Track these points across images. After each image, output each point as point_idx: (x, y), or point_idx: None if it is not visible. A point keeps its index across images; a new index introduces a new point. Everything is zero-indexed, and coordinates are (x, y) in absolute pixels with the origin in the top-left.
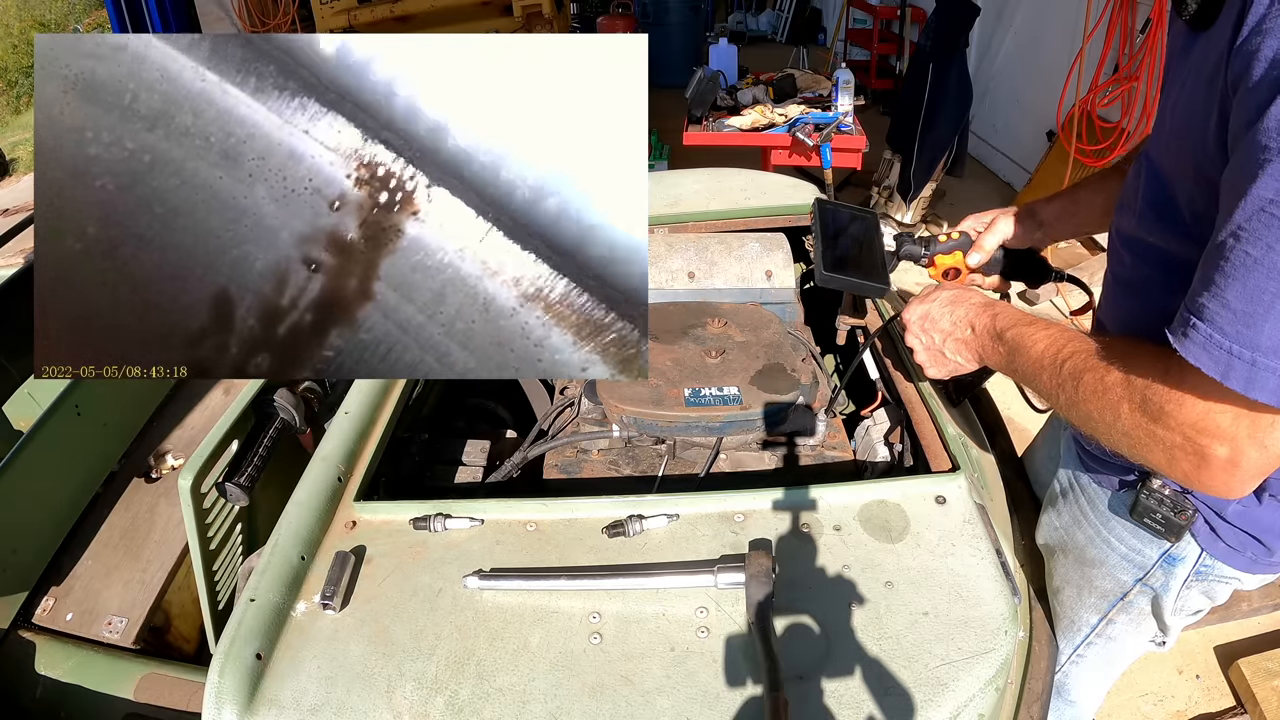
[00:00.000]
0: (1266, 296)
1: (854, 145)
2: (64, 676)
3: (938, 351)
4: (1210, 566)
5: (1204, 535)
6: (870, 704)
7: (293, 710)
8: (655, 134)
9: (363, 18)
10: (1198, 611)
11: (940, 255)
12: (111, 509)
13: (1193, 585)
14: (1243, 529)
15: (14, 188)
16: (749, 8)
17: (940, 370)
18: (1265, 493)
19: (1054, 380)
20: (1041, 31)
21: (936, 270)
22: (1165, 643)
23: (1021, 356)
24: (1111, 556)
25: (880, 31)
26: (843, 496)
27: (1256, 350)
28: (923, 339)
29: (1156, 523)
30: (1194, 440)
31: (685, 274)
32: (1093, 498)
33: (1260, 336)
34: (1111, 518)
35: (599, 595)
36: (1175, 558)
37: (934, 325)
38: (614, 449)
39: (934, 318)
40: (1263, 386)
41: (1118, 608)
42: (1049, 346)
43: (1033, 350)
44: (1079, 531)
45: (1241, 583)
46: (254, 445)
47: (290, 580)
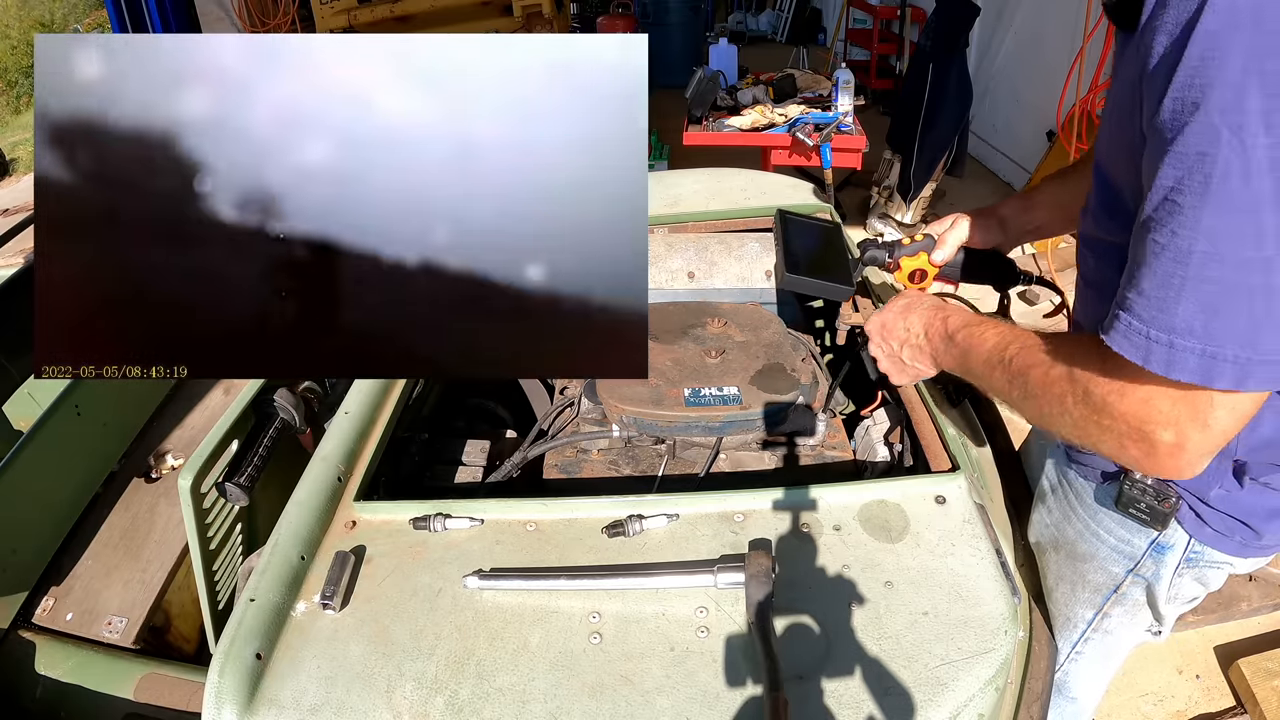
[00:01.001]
0: (1175, 280)
1: (854, 145)
2: (64, 676)
3: (897, 359)
4: (1200, 553)
5: (1190, 522)
6: (870, 704)
7: (293, 710)
8: (655, 134)
9: (363, 18)
10: (1193, 599)
11: (905, 258)
12: (111, 509)
13: (1184, 573)
14: (1228, 514)
15: (14, 188)
16: (749, 8)
17: (903, 378)
18: (1246, 476)
19: (1005, 378)
20: (1041, 31)
21: (902, 274)
22: (1161, 632)
23: (973, 357)
24: (1102, 549)
25: (880, 31)
26: (843, 496)
27: (1172, 333)
28: (883, 348)
29: (1141, 512)
30: (1138, 428)
31: (685, 274)
32: (1080, 492)
33: (1174, 319)
34: (1099, 510)
35: (599, 595)
36: (1164, 546)
37: (891, 334)
38: (614, 449)
39: (890, 326)
40: (1183, 367)
41: (1112, 600)
42: (997, 345)
43: (982, 350)
44: (1068, 526)
45: (1234, 567)
46: (254, 445)
47: (290, 580)
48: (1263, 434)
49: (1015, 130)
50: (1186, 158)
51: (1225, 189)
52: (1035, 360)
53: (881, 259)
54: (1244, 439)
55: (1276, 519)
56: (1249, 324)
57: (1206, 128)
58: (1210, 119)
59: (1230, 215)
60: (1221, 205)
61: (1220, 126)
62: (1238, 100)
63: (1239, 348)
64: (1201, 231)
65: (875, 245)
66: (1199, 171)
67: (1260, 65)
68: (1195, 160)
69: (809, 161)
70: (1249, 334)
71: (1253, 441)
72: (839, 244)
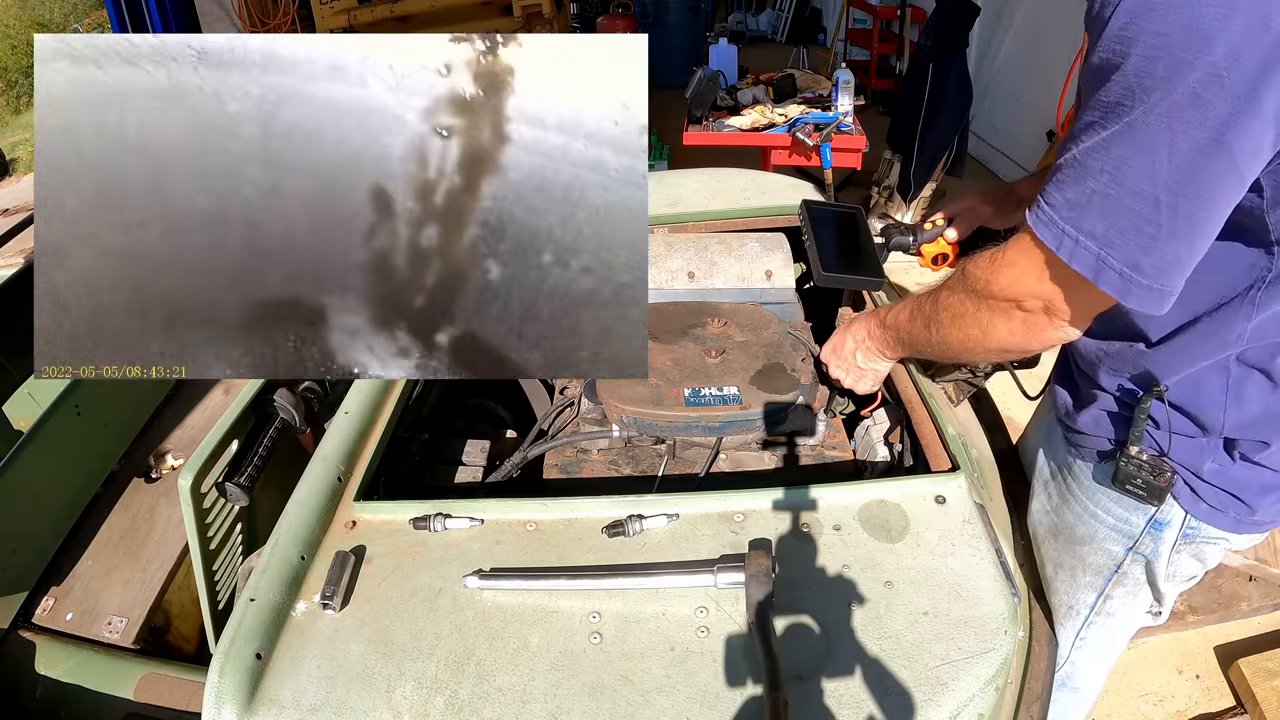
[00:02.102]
0: (1087, 191)
1: (854, 145)
2: (64, 676)
3: (854, 366)
4: (1196, 528)
5: (1185, 497)
6: (870, 704)
7: (293, 710)
8: (655, 134)
9: (363, 18)
10: (1191, 577)
11: (926, 244)
12: (111, 509)
13: (1182, 549)
14: (1221, 488)
15: (14, 188)
16: (749, 8)
17: (864, 382)
18: (1236, 451)
19: (925, 327)
20: (1041, 31)
21: (925, 258)
22: (1161, 613)
23: (904, 329)
24: (1100, 530)
25: (880, 31)
26: (843, 496)
27: (1079, 231)
28: (840, 365)
29: (1138, 488)
30: (1014, 299)
31: (685, 274)
32: (1077, 474)
33: (1083, 221)
34: (1097, 490)
35: (599, 595)
36: (1161, 522)
37: (841, 348)
38: (614, 449)
39: (837, 344)
40: (1081, 261)
41: (1113, 581)
42: (915, 305)
43: (904, 316)
44: (1067, 511)
45: (1230, 543)
46: (254, 445)
47: (290, 580)
48: (1250, 412)
49: (1015, 130)
50: (1108, 104)
51: (1130, 131)
52: (941, 292)
53: (906, 244)
54: (1232, 417)
55: (1269, 494)
56: (1137, 248)
57: (1123, 85)
58: (1127, 79)
59: (1132, 151)
60: (1127, 142)
61: (1134, 87)
62: (1149, 66)
63: (1124, 265)
64: (1111, 157)
65: (899, 231)
66: (1114, 114)
67: (1168, 42)
68: (1113, 107)
69: (809, 161)
70: (1134, 257)
71: (1241, 419)
72: (865, 233)
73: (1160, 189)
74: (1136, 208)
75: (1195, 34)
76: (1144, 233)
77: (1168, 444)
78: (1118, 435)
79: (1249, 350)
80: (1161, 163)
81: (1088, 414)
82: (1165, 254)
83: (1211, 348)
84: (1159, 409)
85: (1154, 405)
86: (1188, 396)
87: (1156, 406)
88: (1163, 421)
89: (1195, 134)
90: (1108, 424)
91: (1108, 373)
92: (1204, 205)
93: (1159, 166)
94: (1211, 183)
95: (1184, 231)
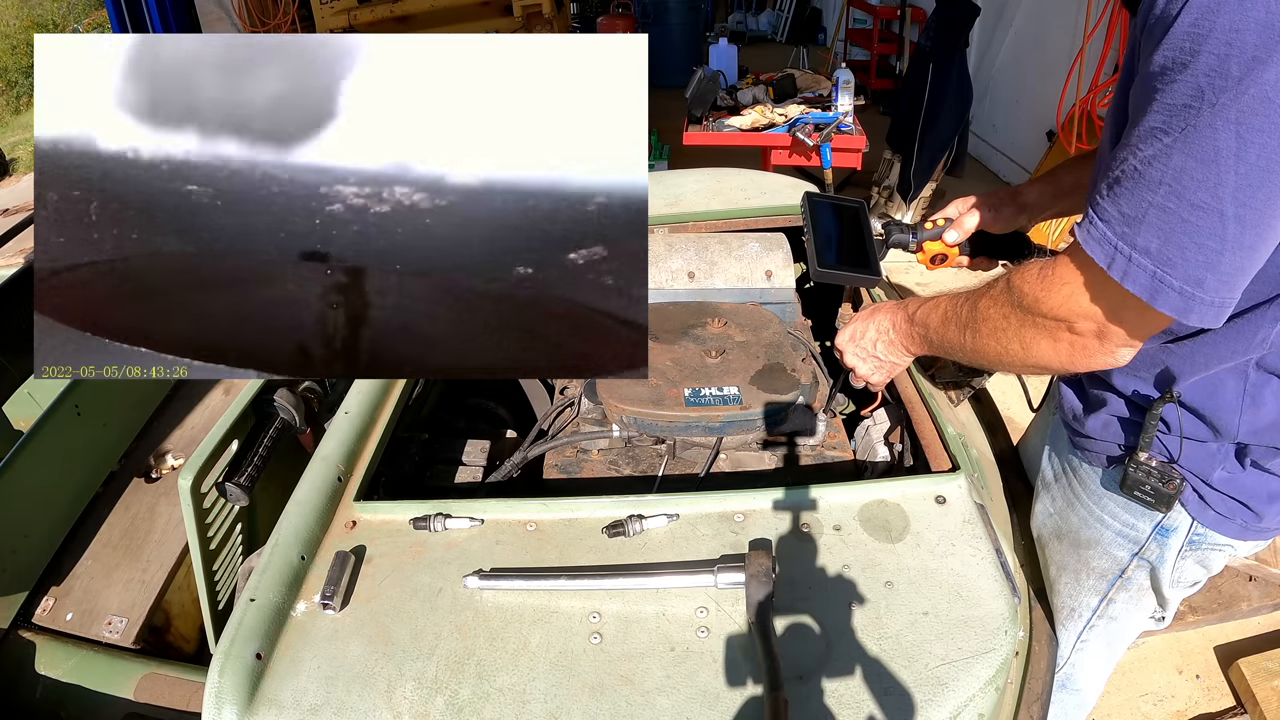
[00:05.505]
0: (1144, 204)
1: (854, 145)
2: (64, 676)
3: (874, 358)
4: (1203, 535)
5: (1193, 504)
6: (870, 704)
7: (293, 710)
8: (655, 134)
9: (363, 17)
10: (1195, 583)
11: (928, 242)
12: (111, 509)
13: (1187, 555)
14: (1230, 496)
15: (14, 188)
16: (749, 8)
17: (881, 373)
18: (1247, 459)
19: (959, 331)
20: (1041, 31)
21: (925, 256)
22: (1165, 618)
23: (933, 328)
24: (1106, 534)
25: (880, 31)
26: (843, 496)
27: (1134, 249)
28: (858, 353)
29: (1146, 494)
30: (1065, 319)
31: (685, 274)
32: (1084, 478)
33: (1137, 237)
34: (1104, 495)
35: (599, 595)
36: (1168, 529)
37: (862, 337)
38: (614, 449)
39: (859, 332)
40: (1135, 280)
41: (1117, 585)
42: (950, 307)
43: (937, 315)
44: (1072, 514)
45: (1235, 550)
46: (254, 445)
47: (290, 580)
48: (1266, 417)
49: (1015, 130)
50: (1173, 107)
51: (1196, 138)
52: (981, 298)
53: (906, 242)
54: (1247, 422)
55: (1276, 501)
56: (1200, 264)
57: (1192, 86)
58: (1196, 80)
59: (1195, 161)
60: (1191, 151)
61: (1204, 87)
62: (1221, 65)
63: (1185, 282)
64: (1171, 168)
65: (899, 228)
66: (1179, 119)
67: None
68: (1179, 110)
69: (809, 161)
70: (1197, 273)
71: (1256, 424)
72: (866, 228)
73: (1225, 200)
74: (1198, 222)
75: (1272, 30)
76: (1207, 247)
77: (1178, 450)
78: (1127, 441)
79: (1270, 355)
80: (1227, 172)
81: (1096, 419)
82: (1229, 266)
83: (1234, 350)
84: (1171, 412)
85: (1166, 409)
86: (1204, 399)
87: (1169, 410)
88: (1174, 425)
89: (1265, 141)
90: (1117, 429)
91: (1123, 373)
92: (1271, 214)
93: (1224, 176)
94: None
95: (1249, 242)
